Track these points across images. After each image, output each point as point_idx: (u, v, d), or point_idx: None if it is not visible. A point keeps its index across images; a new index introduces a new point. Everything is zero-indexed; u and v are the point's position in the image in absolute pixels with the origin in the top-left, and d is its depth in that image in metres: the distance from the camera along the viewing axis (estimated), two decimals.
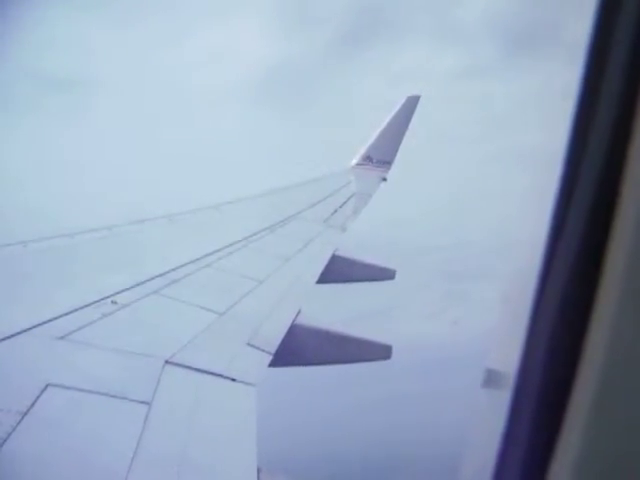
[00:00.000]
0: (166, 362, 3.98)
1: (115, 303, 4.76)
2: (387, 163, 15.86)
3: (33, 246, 6.10)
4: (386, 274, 9.89)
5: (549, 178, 1.17)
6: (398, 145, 16.12)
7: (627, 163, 1.00)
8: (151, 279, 5.59)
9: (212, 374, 4.09)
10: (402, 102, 16.59)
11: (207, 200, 10.57)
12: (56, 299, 4.79)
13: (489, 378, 1.72)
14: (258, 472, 3.01)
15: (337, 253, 8.98)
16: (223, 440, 3.48)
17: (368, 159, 15.95)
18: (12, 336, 3.76)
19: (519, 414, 1.17)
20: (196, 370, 4.05)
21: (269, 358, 4.75)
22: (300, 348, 5.69)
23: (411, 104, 16.47)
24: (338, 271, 8.62)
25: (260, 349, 4.86)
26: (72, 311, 4.40)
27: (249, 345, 4.88)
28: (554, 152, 1.16)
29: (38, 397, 3.10)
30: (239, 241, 7.98)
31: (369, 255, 10.01)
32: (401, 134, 16.22)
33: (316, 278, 7.60)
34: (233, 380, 4.10)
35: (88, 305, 4.60)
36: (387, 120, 16.48)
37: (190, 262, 6.47)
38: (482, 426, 1.61)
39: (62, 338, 3.94)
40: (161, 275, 5.79)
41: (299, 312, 6.02)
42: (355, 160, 16.07)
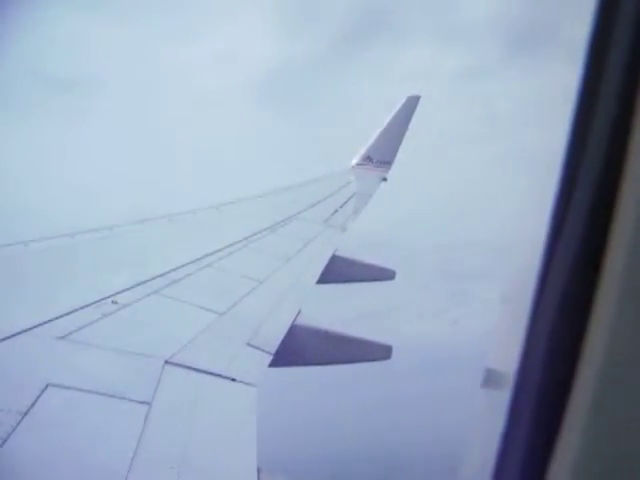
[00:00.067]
0: (166, 362, 3.98)
1: (115, 303, 4.76)
2: (387, 163, 15.85)
3: (34, 246, 6.10)
4: (386, 274, 9.89)
5: (549, 178, 1.17)
6: (398, 145, 16.12)
7: (626, 163, 1.01)
8: (152, 279, 5.59)
9: (212, 374, 4.09)
10: (402, 102, 16.59)
11: (207, 200, 10.58)
12: (57, 299, 4.80)
13: (489, 378, 1.72)
14: (258, 472, 3.00)
15: (337, 253, 8.98)
16: (223, 440, 3.48)
17: (368, 159, 15.94)
18: (12, 336, 3.76)
19: (518, 414, 1.17)
20: (196, 370, 4.05)
21: (269, 358, 4.75)
22: (300, 348, 5.69)
23: (411, 104, 16.47)
24: (338, 271, 8.62)
25: (260, 349, 4.86)
26: (72, 311, 4.41)
27: (249, 345, 4.88)
28: (554, 153, 1.16)
29: (38, 397, 3.10)
30: (239, 241, 7.98)
31: (369, 255, 10.01)
32: (401, 134, 16.22)
33: (316, 278, 7.59)
34: (233, 380, 4.10)
35: (88, 305, 4.60)
36: (387, 120, 16.48)
37: (191, 262, 6.47)
38: (482, 426, 1.61)
39: (62, 338, 3.94)
40: (161, 275, 5.79)
41: (299, 312, 6.02)
42: (355, 160, 16.07)
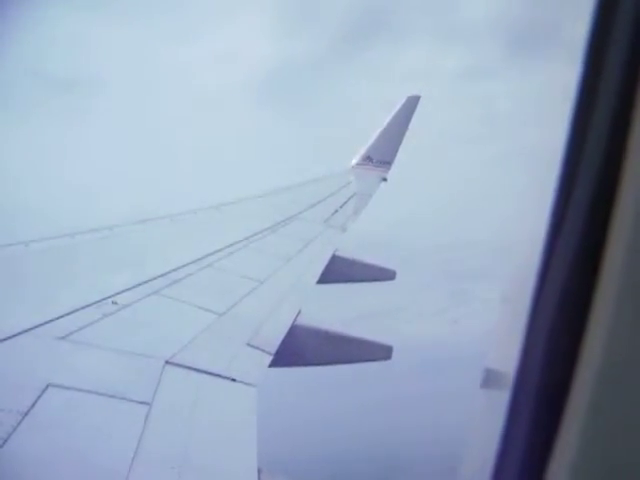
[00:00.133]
0: (166, 362, 3.98)
1: (116, 303, 4.76)
2: (387, 163, 15.85)
3: (34, 246, 6.11)
4: (386, 274, 9.89)
5: (548, 178, 1.17)
6: (398, 145, 16.12)
7: (625, 163, 1.01)
8: (152, 279, 5.60)
9: (212, 374, 4.09)
10: (402, 102, 16.59)
11: (208, 200, 10.59)
12: (57, 299, 4.80)
13: (488, 378, 1.72)
14: (258, 472, 3.01)
15: (337, 253, 8.98)
16: (223, 440, 3.48)
17: (368, 159, 15.94)
18: (13, 336, 3.76)
19: (518, 414, 1.18)
20: (196, 370, 4.05)
21: (269, 358, 4.75)
22: (300, 348, 5.70)
23: (411, 104, 16.47)
24: (338, 271, 8.62)
25: (260, 349, 4.86)
26: (73, 311, 4.41)
27: (249, 345, 4.88)
28: (553, 151, 1.16)
29: (39, 397, 3.11)
30: (240, 241, 7.98)
31: (369, 255, 10.01)
32: (401, 134, 16.22)
33: (316, 278, 7.60)
34: (233, 380, 4.10)
35: (89, 305, 4.60)
36: (387, 120, 16.48)
37: (191, 262, 6.47)
38: (481, 426, 1.62)
39: (63, 338, 3.94)
40: (162, 275, 5.79)
41: (299, 312, 6.02)
42: (355, 160, 16.07)
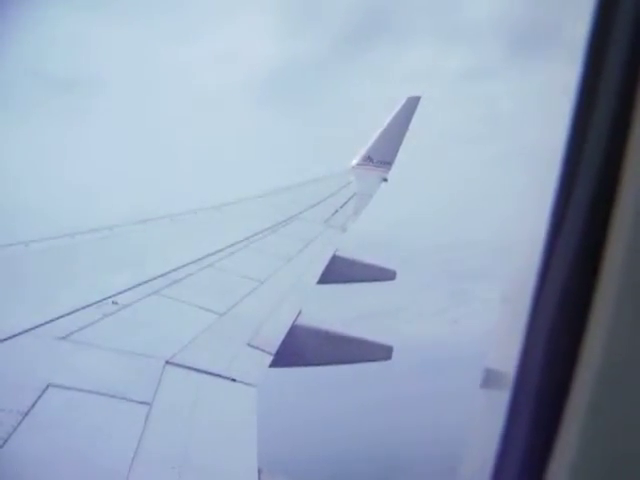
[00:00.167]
0: (167, 362, 3.98)
1: (116, 303, 4.76)
2: (387, 163, 15.86)
3: (35, 246, 6.11)
4: (386, 275, 9.89)
5: (549, 177, 1.17)
6: (398, 146, 16.12)
7: (626, 163, 1.01)
8: (152, 279, 5.60)
9: (213, 374, 4.09)
10: (402, 103, 16.60)
11: (209, 200, 10.59)
12: (57, 299, 4.80)
13: (488, 378, 1.72)
14: (259, 473, 3.01)
15: (338, 253, 8.98)
16: (224, 441, 3.48)
17: (368, 159, 15.94)
18: (13, 336, 3.76)
19: (518, 414, 1.18)
20: (197, 370, 4.06)
21: (270, 359, 4.75)
22: (301, 349, 5.70)
23: (411, 105, 16.48)
24: (339, 272, 8.62)
25: (261, 349, 4.86)
26: (73, 311, 4.41)
27: (250, 345, 4.88)
28: (554, 151, 1.16)
29: (39, 397, 3.11)
30: (240, 241, 7.98)
31: (369, 255, 10.02)
32: (401, 135, 16.23)
33: (317, 278, 7.60)
34: (233, 380, 4.10)
35: (89, 305, 4.60)
36: (387, 121, 16.49)
37: (192, 262, 6.48)
38: (481, 426, 1.62)
39: (63, 338, 3.94)
40: (162, 275, 5.79)
41: (300, 312, 6.02)
42: (355, 160, 16.07)
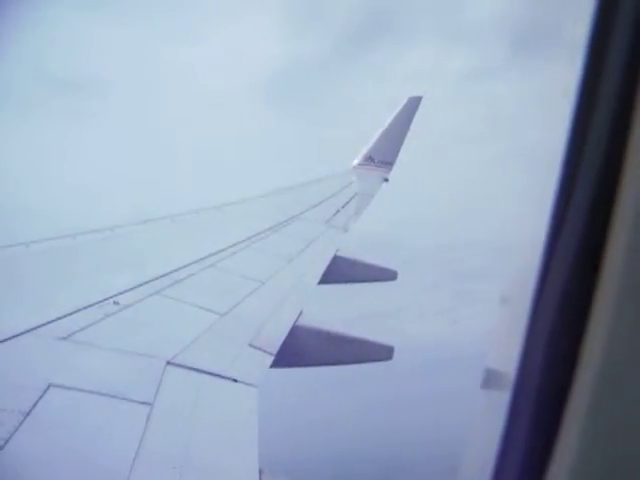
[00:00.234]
0: (168, 363, 3.98)
1: (117, 304, 4.76)
2: (389, 164, 15.85)
3: (36, 247, 6.11)
4: (388, 275, 9.90)
5: (550, 178, 1.17)
6: (400, 146, 16.11)
7: (626, 164, 1.01)
8: (154, 279, 5.60)
9: (214, 375, 4.10)
10: (404, 103, 16.59)
11: (210, 200, 10.58)
12: (59, 300, 4.80)
13: (488, 379, 1.72)
14: (260, 473, 3.01)
15: (339, 254, 8.98)
16: (225, 441, 3.49)
17: (370, 159, 15.93)
18: (15, 336, 3.77)
19: (518, 415, 1.18)
20: (198, 371, 4.06)
21: (271, 359, 4.75)
22: (302, 349, 5.70)
23: (413, 105, 16.46)
24: (340, 272, 8.62)
25: (262, 350, 4.86)
26: (75, 311, 4.41)
27: (251, 346, 4.88)
28: (555, 152, 1.16)
29: (40, 397, 3.11)
30: (242, 241, 7.98)
31: (371, 256, 10.02)
32: (403, 135, 16.21)
33: (318, 279, 7.60)
34: (235, 381, 4.10)
35: (91, 305, 4.61)
36: (389, 121, 16.48)
37: (193, 262, 6.48)
38: (481, 427, 1.62)
39: (64, 338, 3.95)
40: (164, 275, 5.79)
41: (301, 313, 6.02)
42: (357, 160, 16.06)
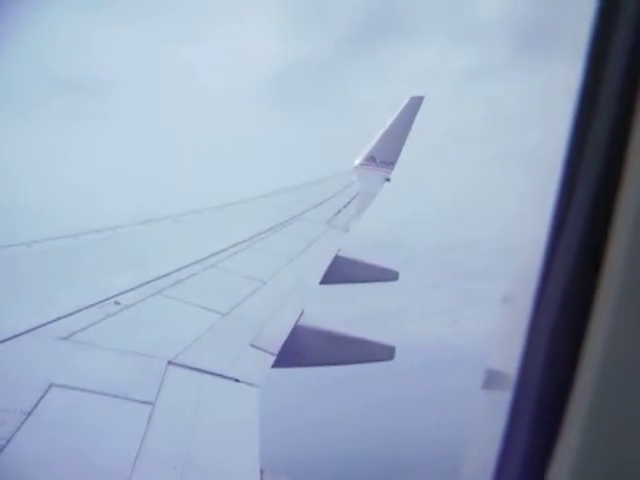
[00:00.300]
0: (169, 363, 3.99)
1: (118, 304, 4.77)
2: (390, 164, 15.83)
3: (37, 247, 6.12)
4: (389, 275, 9.89)
5: (551, 178, 1.17)
6: (401, 146, 16.09)
7: (627, 164, 1.01)
8: (155, 279, 5.60)
9: (215, 375, 4.10)
10: (405, 103, 16.58)
11: (212, 200, 10.58)
12: (60, 299, 4.80)
13: (490, 379, 1.72)
14: (261, 473, 3.01)
15: (340, 254, 8.98)
16: (226, 441, 3.49)
17: (371, 159, 15.92)
18: (16, 336, 3.77)
19: (519, 415, 1.18)
20: (199, 371, 4.06)
21: (272, 359, 4.75)
22: (303, 349, 5.70)
23: (414, 105, 16.45)
24: (341, 272, 8.62)
25: (263, 350, 4.86)
26: (76, 311, 4.42)
27: (252, 346, 4.89)
28: (557, 152, 1.16)
29: (42, 397, 3.11)
30: (244, 241, 7.98)
31: (372, 256, 10.01)
32: (404, 134, 16.19)
33: (319, 279, 7.60)
34: (236, 381, 4.10)
35: (92, 305, 4.61)
36: (390, 121, 16.47)
37: (195, 262, 6.48)
38: (482, 427, 1.62)
39: (66, 338, 3.95)
40: (165, 275, 5.80)
41: (302, 313, 6.02)
42: (358, 160, 16.05)
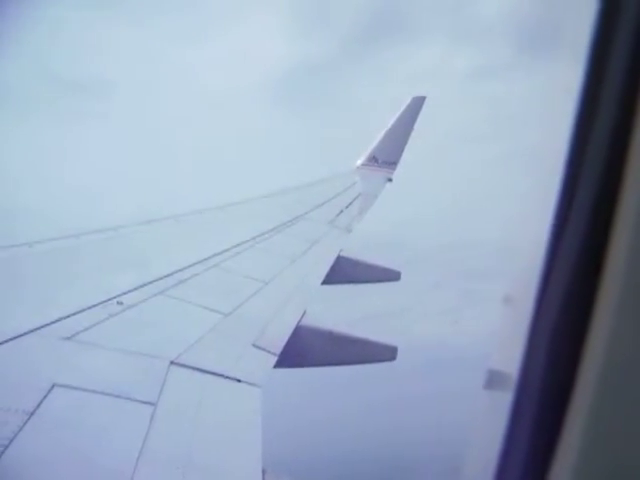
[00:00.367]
0: (172, 363, 3.99)
1: (121, 304, 4.77)
2: (392, 164, 15.82)
3: (39, 247, 6.13)
4: (391, 275, 9.89)
5: (553, 179, 1.17)
6: (403, 146, 16.08)
7: (628, 165, 1.01)
8: (158, 279, 5.61)
9: (217, 375, 4.10)
10: (407, 103, 16.57)
11: (214, 200, 10.58)
12: (62, 300, 4.81)
13: (491, 379, 1.72)
14: (263, 473, 3.01)
15: (342, 254, 8.98)
16: (228, 441, 3.49)
17: (373, 160, 15.91)
18: (18, 336, 3.78)
19: (521, 415, 1.18)
20: (201, 371, 4.06)
21: (274, 359, 4.76)
22: (305, 349, 5.70)
23: (416, 105, 16.44)
24: (343, 272, 8.62)
25: (265, 350, 4.86)
26: (78, 312, 4.42)
27: (254, 346, 4.89)
28: (558, 153, 1.16)
29: (44, 397, 3.12)
30: (246, 241, 7.99)
31: (374, 256, 10.01)
32: (406, 135, 16.18)
33: (321, 279, 7.60)
34: (238, 381, 4.11)
35: (95, 306, 4.62)
36: (392, 121, 16.45)
37: (197, 262, 6.49)
38: (484, 427, 1.62)
39: (68, 339, 3.95)
40: (168, 276, 5.80)
41: (304, 313, 6.02)
42: (360, 161, 16.04)
